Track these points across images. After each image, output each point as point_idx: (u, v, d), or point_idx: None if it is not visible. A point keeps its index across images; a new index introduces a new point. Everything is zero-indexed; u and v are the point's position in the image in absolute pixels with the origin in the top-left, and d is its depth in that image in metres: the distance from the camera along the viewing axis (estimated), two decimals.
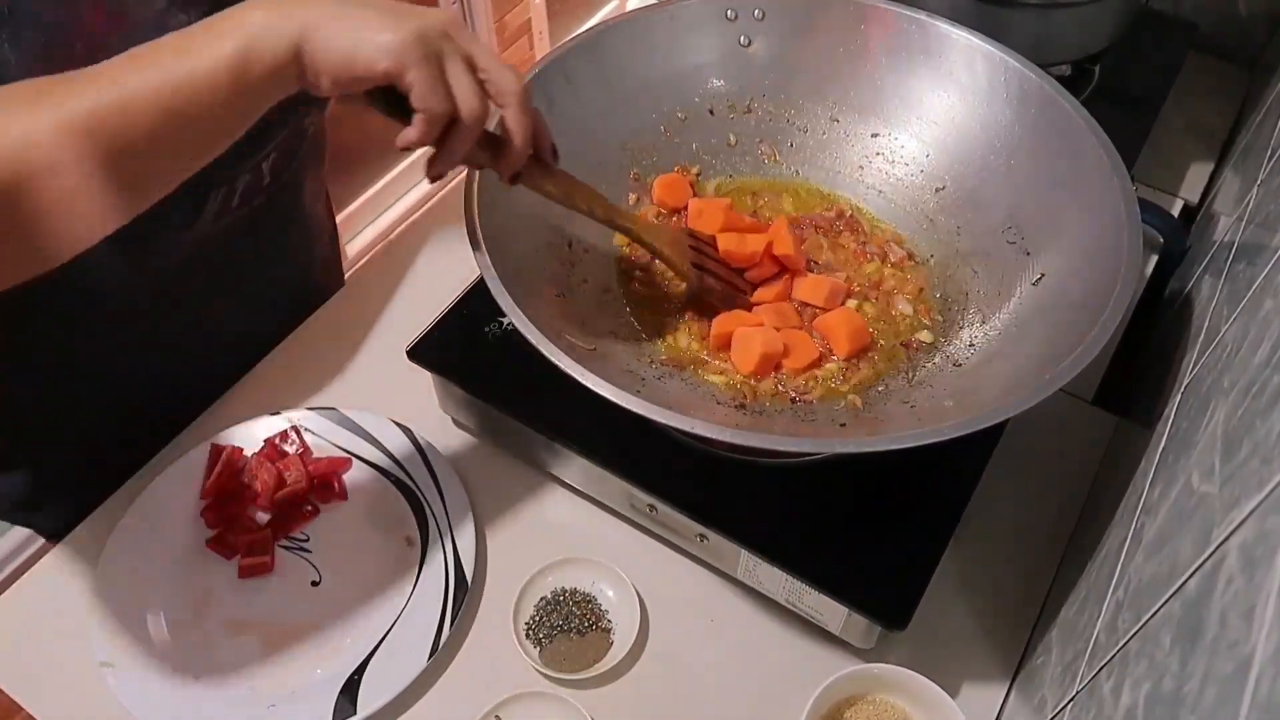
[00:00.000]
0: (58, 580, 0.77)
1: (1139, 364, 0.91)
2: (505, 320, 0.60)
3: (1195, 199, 1.08)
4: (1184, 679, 0.35)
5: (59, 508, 0.86)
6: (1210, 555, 0.39)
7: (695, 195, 0.84)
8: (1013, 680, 0.73)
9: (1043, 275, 0.72)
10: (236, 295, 0.90)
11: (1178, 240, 0.98)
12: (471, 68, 0.57)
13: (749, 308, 0.77)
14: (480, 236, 0.66)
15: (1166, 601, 0.42)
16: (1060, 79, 1.04)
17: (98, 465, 0.84)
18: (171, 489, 0.80)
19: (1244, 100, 1.18)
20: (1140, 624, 0.45)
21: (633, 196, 0.84)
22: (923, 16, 0.81)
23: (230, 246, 0.83)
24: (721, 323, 0.74)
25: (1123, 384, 0.91)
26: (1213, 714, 0.31)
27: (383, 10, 0.54)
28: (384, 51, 0.52)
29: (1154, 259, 1.00)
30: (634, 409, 0.58)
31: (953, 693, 0.70)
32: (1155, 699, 0.38)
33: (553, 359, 0.59)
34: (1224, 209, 0.91)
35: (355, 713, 0.69)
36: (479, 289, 0.62)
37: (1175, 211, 1.07)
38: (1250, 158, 0.92)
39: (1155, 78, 1.11)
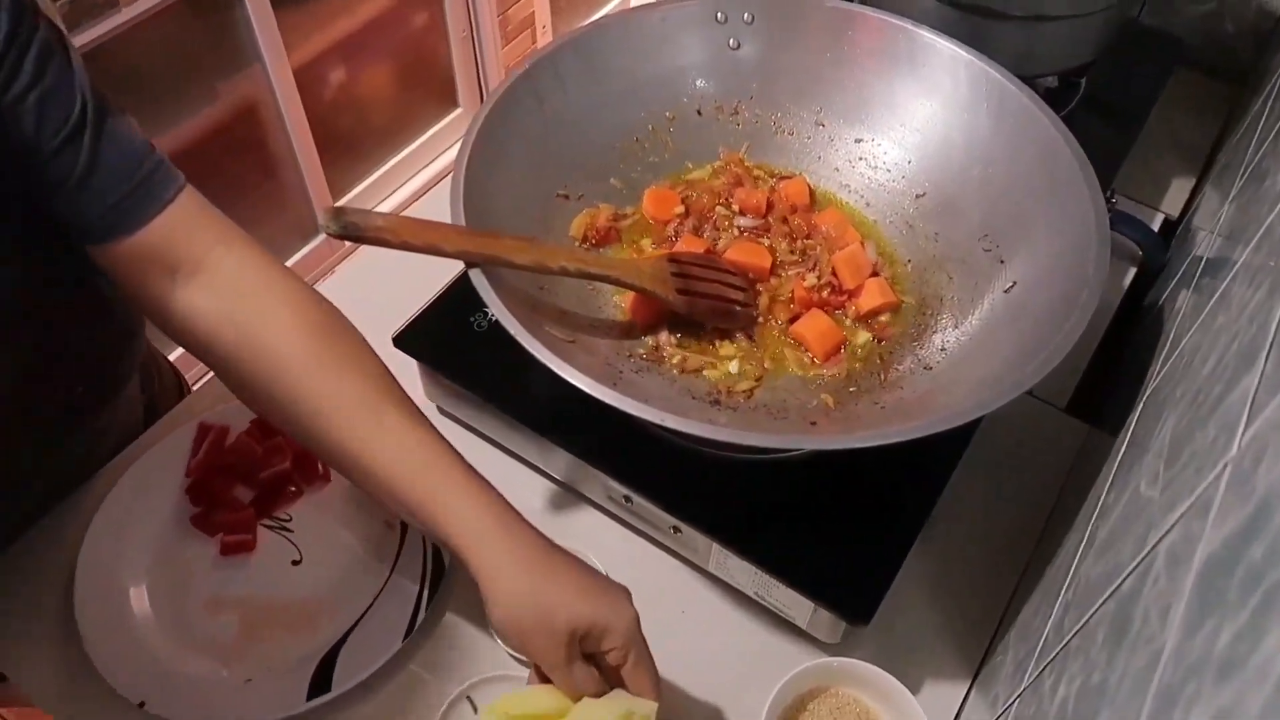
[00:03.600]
0: (43, 551, 0.79)
1: (1112, 374, 0.93)
2: (490, 311, 0.62)
3: (1176, 213, 1.10)
4: (1109, 672, 0.37)
5: None
6: (1144, 557, 0.41)
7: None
8: (974, 678, 0.75)
9: (1015, 283, 0.74)
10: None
11: (1156, 253, 1.00)
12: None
13: (751, 320, 0.77)
14: (464, 224, 0.67)
15: (1104, 601, 0.44)
16: (1046, 90, 1.07)
17: None
18: (159, 465, 0.82)
19: (1228, 117, 1.20)
20: (1081, 622, 0.47)
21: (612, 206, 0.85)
22: (909, 25, 0.83)
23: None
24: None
25: (1096, 393, 0.93)
26: (1125, 704, 0.33)
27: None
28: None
29: (1132, 271, 1.02)
30: (608, 401, 0.60)
31: (915, 689, 0.72)
32: (1084, 692, 0.40)
33: (529, 349, 0.61)
34: (1202, 224, 0.93)
35: (330, 690, 0.70)
36: (466, 279, 0.64)
37: (1156, 224, 1.09)
38: (1228, 174, 0.94)
39: (1141, 91, 1.12)
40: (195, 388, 0.90)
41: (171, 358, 1.03)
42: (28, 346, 0.69)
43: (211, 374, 0.89)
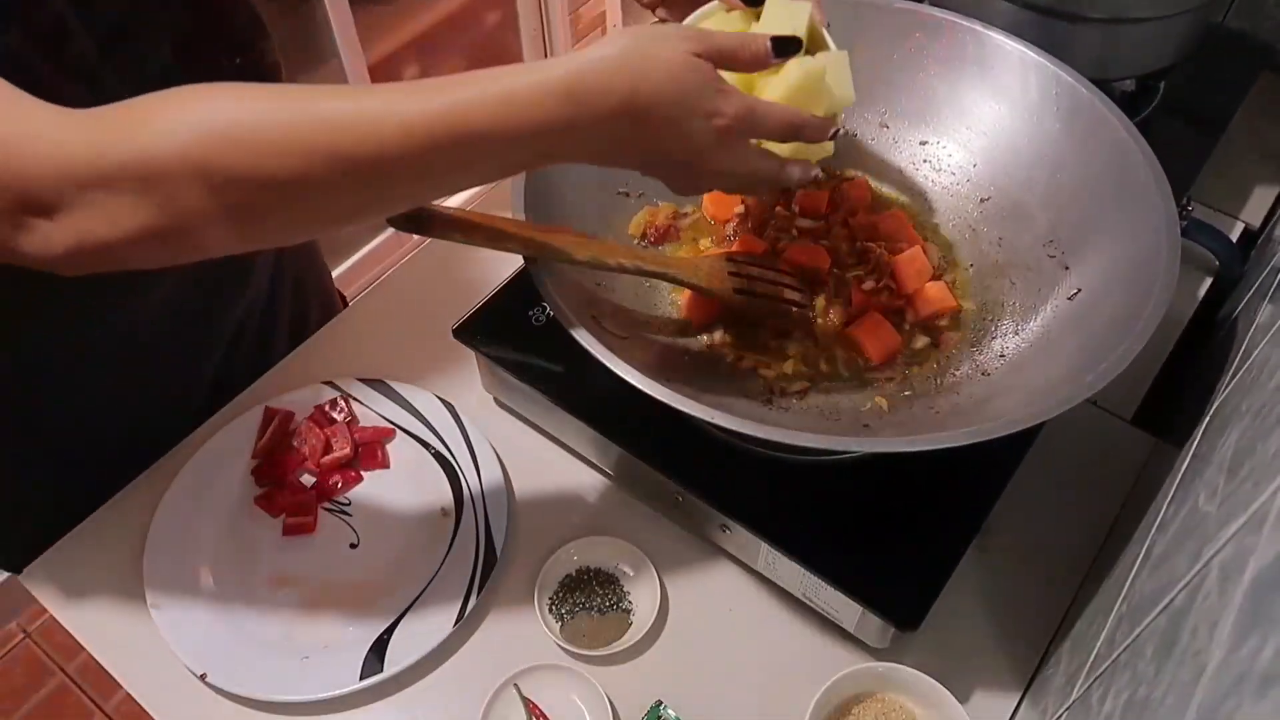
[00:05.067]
0: (116, 525, 0.82)
1: (1182, 386, 0.90)
2: (547, 306, 0.63)
3: (1258, 223, 1.06)
4: (1155, 687, 0.36)
5: (14, 541, 0.84)
6: (1198, 572, 0.40)
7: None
8: (1025, 690, 0.73)
9: (1079, 290, 0.72)
10: (201, 348, 0.90)
11: (1233, 263, 0.97)
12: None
13: (808, 321, 0.77)
14: (524, 219, 0.68)
15: (1156, 615, 0.43)
16: (1123, 94, 1.04)
17: (56, 503, 0.83)
18: (226, 447, 0.85)
19: None
20: (1132, 636, 0.46)
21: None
22: (978, 26, 0.82)
23: (188, 308, 0.84)
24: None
25: (1164, 405, 0.91)
26: (1167, 718, 0.32)
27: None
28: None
29: (1208, 281, 0.99)
30: (660, 397, 0.60)
31: (964, 698, 0.71)
32: (1130, 706, 0.39)
33: (584, 344, 0.62)
34: None
35: (383, 670, 0.72)
36: (525, 274, 0.65)
37: (1235, 234, 1.05)
38: None
39: (1223, 96, 1.09)
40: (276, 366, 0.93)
41: None
42: None
43: (277, 365, 0.93)
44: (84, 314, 0.75)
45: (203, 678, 0.72)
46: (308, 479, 0.84)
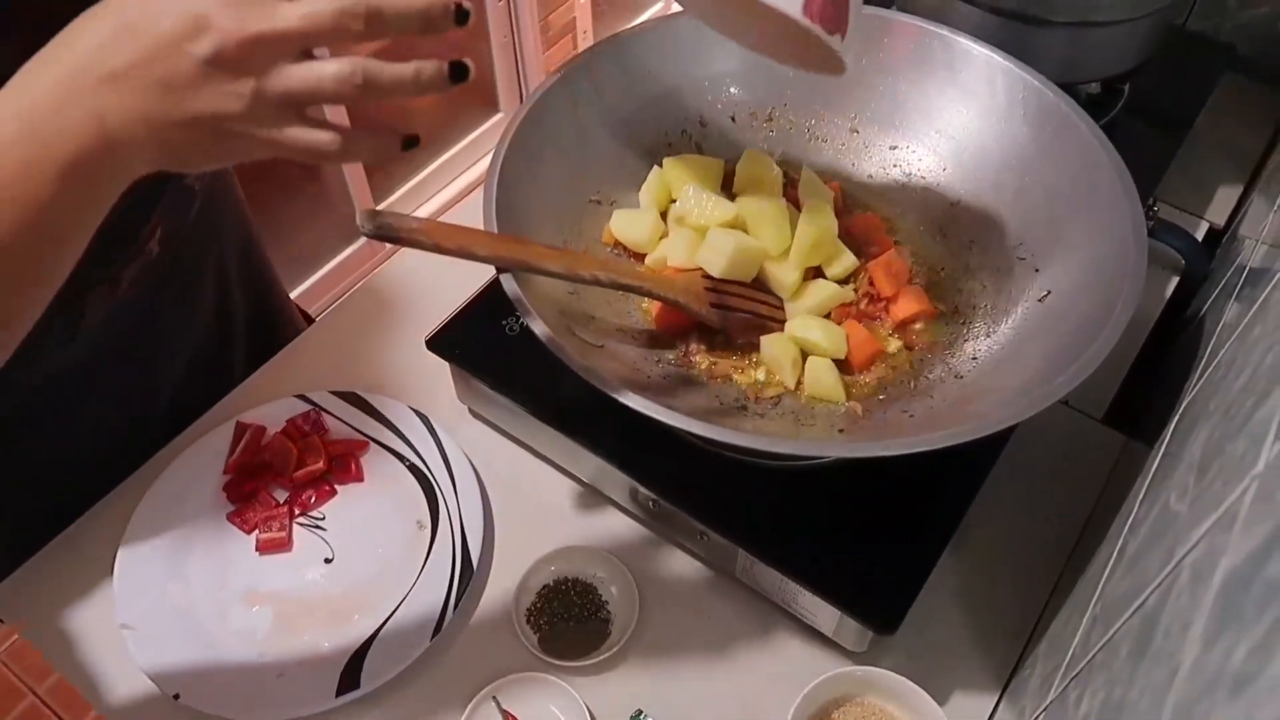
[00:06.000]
0: (85, 543, 0.81)
1: (1151, 385, 0.91)
2: (521, 315, 0.63)
3: (1222, 221, 1.08)
4: (1130, 688, 0.37)
5: None
6: (1169, 571, 0.40)
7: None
8: (1003, 691, 0.74)
9: (1049, 292, 0.73)
10: (153, 371, 0.87)
11: (1198, 262, 0.98)
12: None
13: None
14: (496, 228, 0.68)
15: (1130, 616, 0.44)
16: (1088, 96, 1.05)
17: (22, 523, 0.82)
18: (198, 463, 0.84)
19: (1279, 123, 1.17)
20: (1106, 637, 0.46)
21: None
22: (945, 31, 0.82)
23: (128, 335, 0.80)
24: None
25: (1134, 404, 0.92)
26: (1143, 719, 0.32)
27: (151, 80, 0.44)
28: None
29: (1175, 281, 1.00)
30: (635, 407, 0.60)
31: (943, 700, 0.71)
32: (1106, 707, 0.39)
33: (558, 354, 0.61)
34: (1248, 232, 0.91)
35: (359, 687, 0.71)
36: (498, 284, 0.65)
37: (1201, 233, 1.07)
38: (1275, 182, 0.92)
39: (1187, 97, 1.10)
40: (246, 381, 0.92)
41: None
42: None
43: (249, 378, 0.92)
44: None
45: (175, 698, 0.71)
46: (281, 494, 0.83)
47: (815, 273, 0.78)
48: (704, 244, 0.74)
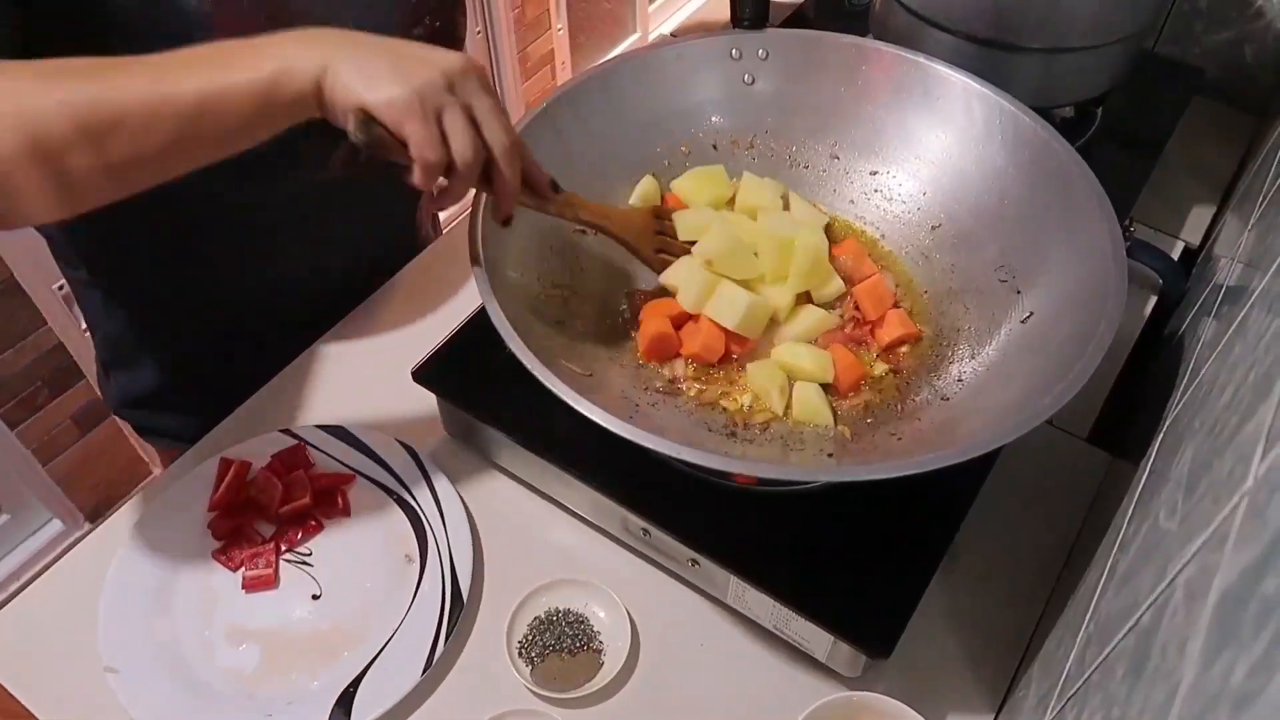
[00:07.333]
0: (67, 585, 0.80)
1: (1134, 403, 0.92)
2: (507, 345, 0.63)
3: (1197, 241, 1.09)
4: (1128, 707, 0.37)
5: (181, 409, 0.97)
6: (1163, 590, 0.40)
7: None
8: (998, 712, 0.74)
9: (1031, 314, 0.74)
10: (356, 223, 0.97)
11: (1176, 281, 0.99)
12: (471, 119, 0.60)
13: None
14: (482, 259, 0.68)
15: (1124, 635, 0.44)
16: (1063, 120, 1.07)
17: (220, 370, 0.94)
18: (182, 499, 0.83)
19: (1249, 145, 1.20)
20: (1102, 656, 0.46)
21: None
22: (922, 59, 0.83)
23: (349, 187, 0.90)
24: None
25: (1118, 422, 0.92)
26: None
27: (396, 59, 0.58)
28: (386, 104, 0.57)
29: (1153, 300, 1.02)
30: (624, 435, 0.60)
31: None
32: None
33: (546, 383, 0.61)
34: (1223, 252, 0.92)
35: None
36: (484, 314, 0.65)
37: (1176, 252, 1.08)
38: (1248, 202, 0.93)
39: (1159, 120, 1.12)
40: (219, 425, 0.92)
41: None
42: None
43: (234, 413, 0.91)
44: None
45: None
46: (266, 530, 0.82)
47: (803, 298, 0.79)
48: (717, 297, 0.76)
